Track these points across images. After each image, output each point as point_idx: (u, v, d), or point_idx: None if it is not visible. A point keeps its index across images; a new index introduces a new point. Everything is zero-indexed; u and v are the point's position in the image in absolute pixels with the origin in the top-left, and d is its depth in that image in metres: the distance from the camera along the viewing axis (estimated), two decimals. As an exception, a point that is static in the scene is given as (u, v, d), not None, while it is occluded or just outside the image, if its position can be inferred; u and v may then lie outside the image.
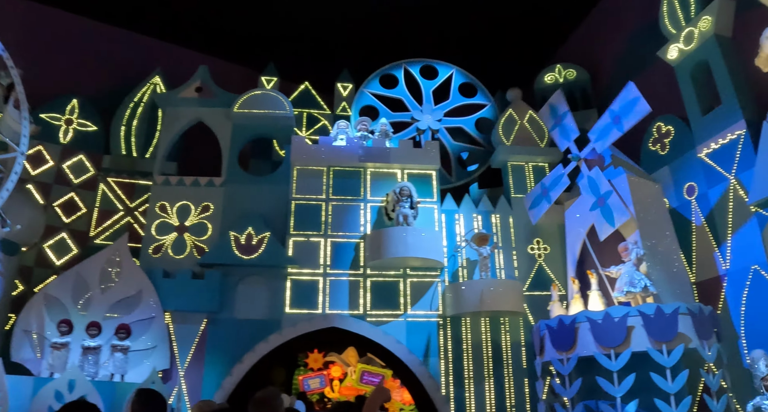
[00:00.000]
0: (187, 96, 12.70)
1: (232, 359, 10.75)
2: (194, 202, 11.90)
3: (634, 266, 8.89)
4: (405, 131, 14.00)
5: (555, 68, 15.39)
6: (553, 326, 8.86)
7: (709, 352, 8.29)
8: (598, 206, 9.91)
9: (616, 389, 7.98)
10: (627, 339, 8.12)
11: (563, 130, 11.43)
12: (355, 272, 11.59)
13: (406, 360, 11.00)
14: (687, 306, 8.38)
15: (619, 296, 8.90)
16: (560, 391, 8.60)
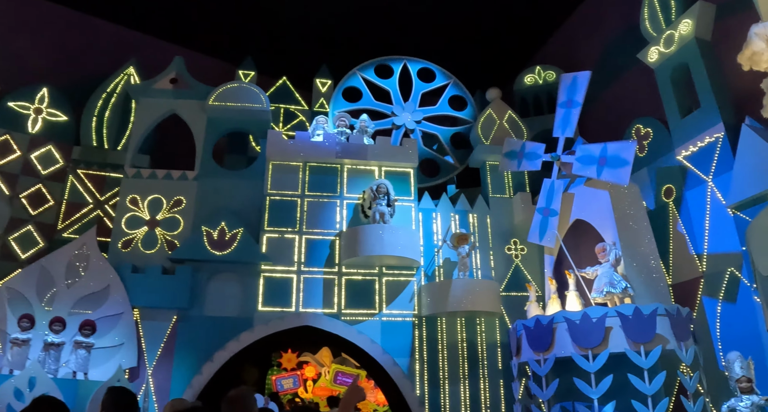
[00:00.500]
0: (162, 87, 12.33)
1: (202, 358, 10.41)
2: (166, 196, 11.54)
3: (612, 267, 8.75)
4: (380, 122, 13.75)
5: (535, 69, 15.28)
6: (531, 326, 8.68)
7: (686, 354, 8.17)
8: (602, 167, 9.65)
9: (593, 390, 7.81)
10: (605, 340, 7.96)
11: (529, 156, 11.24)
12: (329, 270, 11.32)
13: (380, 360, 10.76)
14: (665, 307, 8.26)
15: (597, 297, 8.75)
16: (537, 392, 8.41)
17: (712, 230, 9.84)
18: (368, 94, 13.97)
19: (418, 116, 13.98)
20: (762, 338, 8.59)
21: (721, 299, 9.49)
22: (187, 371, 10.37)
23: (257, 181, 11.76)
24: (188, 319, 10.67)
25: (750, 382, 7.53)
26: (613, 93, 13.45)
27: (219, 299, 10.86)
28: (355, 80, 14.08)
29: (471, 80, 14.81)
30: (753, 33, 5.85)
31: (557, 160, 10.50)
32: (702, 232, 9.99)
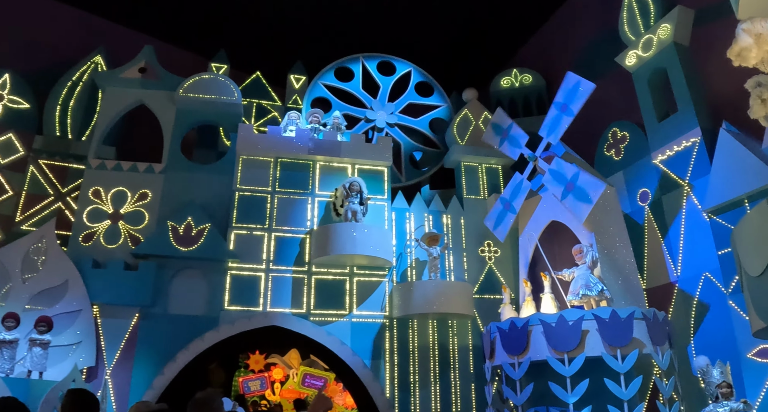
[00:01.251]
0: (130, 76, 11.79)
1: (165, 357, 9.92)
2: (131, 189, 11.02)
3: (589, 270, 8.49)
4: (357, 126, 13.40)
5: (511, 72, 15.09)
6: (505, 328, 8.36)
7: (662, 358, 7.95)
8: (568, 192, 9.46)
9: (568, 395, 7.52)
10: (581, 343, 7.68)
11: (512, 140, 11.07)
12: (299, 269, 10.91)
13: (349, 362, 10.38)
14: (642, 311, 8.02)
15: (573, 300, 8.47)
16: (510, 396, 8.09)
17: (687, 235, 9.68)
18: (336, 101, 13.59)
19: (393, 112, 13.66)
20: (737, 343, 8.42)
21: (695, 303, 9.32)
22: (149, 371, 9.86)
23: (226, 176, 11.30)
24: (151, 317, 10.17)
25: (730, 387, 7.34)
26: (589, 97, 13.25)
27: (183, 297, 10.38)
28: (319, 90, 13.70)
29: (447, 81, 14.56)
30: (741, 29, 5.63)
31: (534, 160, 10.25)
32: (677, 236, 9.83)
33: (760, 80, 6.54)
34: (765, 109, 6.59)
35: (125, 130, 12.48)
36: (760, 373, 8.07)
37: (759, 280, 4.94)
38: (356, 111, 13.56)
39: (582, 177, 9.34)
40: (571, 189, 9.35)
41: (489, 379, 8.88)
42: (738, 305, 8.53)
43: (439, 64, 14.84)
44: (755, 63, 5.80)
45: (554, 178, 9.80)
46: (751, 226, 5.22)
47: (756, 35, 5.58)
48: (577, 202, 9.23)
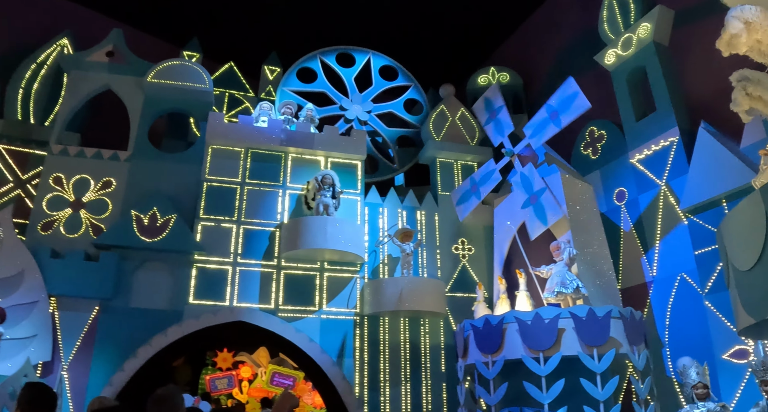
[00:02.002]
0: (97, 60, 11.21)
1: (125, 353, 9.39)
2: (94, 177, 10.47)
3: (566, 266, 8.20)
4: (327, 108, 12.97)
5: (489, 70, 14.85)
6: (479, 326, 8.02)
7: (639, 358, 7.69)
8: (530, 203, 9.24)
9: (544, 395, 7.20)
10: (557, 342, 7.38)
11: (498, 125, 10.79)
12: (268, 263, 10.48)
13: (318, 360, 9.97)
14: (619, 310, 7.76)
15: (549, 297, 8.17)
16: (484, 396, 7.75)
17: (663, 235, 9.49)
18: (323, 78, 13.19)
19: (366, 102, 13.27)
20: (712, 344, 8.23)
21: (670, 304, 9.13)
22: (108, 367, 9.33)
23: (195, 165, 10.82)
24: (111, 310, 9.62)
25: (707, 388, 7.15)
26: (567, 95, 13.06)
27: (146, 290, 9.85)
28: (314, 63, 13.28)
29: (423, 77, 14.23)
30: (731, 16, 5.40)
31: (511, 155, 9.96)
32: (653, 236, 9.63)
33: (745, 74, 6.31)
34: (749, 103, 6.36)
35: (91, 117, 11.93)
36: (736, 374, 7.89)
37: (748, 274, 4.69)
38: (331, 109, 13.14)
39: (546, 196, 9.10)
40: (533, 202, 9.16)
41: (462, 378, 8.52)
42: (714, 306, 8.35)
43: (417, 61, 14.50)
44: (745, 51, 5.56)
45: (522, 183, 9.59)
46: (741, 219, 4.98)
47: (746, 22, 5.34)
48: (534, 218, 9.09)
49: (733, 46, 5.44)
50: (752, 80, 6.23)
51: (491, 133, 10.87)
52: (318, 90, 13.19)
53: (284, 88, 13.08)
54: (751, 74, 6.26)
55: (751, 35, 5.37)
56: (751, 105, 6.37)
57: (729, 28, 5.33)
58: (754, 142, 8.45)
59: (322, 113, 12.80)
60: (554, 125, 9.49)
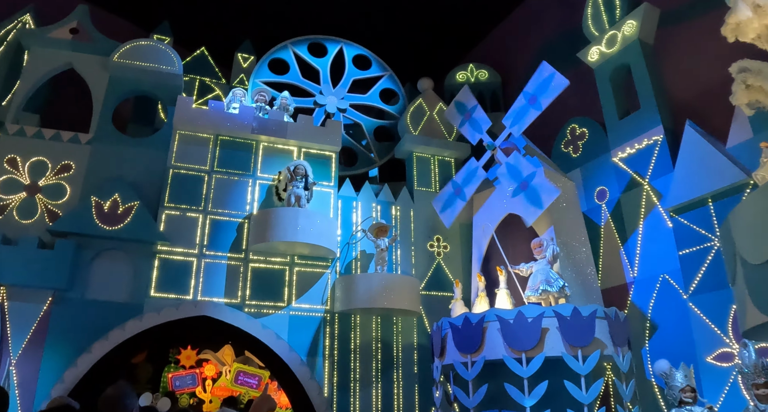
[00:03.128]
0: (59, 37, 10.47)
1: (79, 348, 8.71)
2: (52, 160, 9.73)
3: (549, 264, 7.76)
4: (302, 99, 12.38)
5: (467, 67, 14.43)
6: (458, 324, 7.51)
7: (623, 360, 7.28)
8: (521, 190, 8.77)
9: (526, 398, 6.73)
10: (540, 342, 6.91)
11: (474, 123, 10.37)
12: (235, 256, 9.87)
13: (286, 358, 9.39)
14: (603, 310, 7.34)
15: (531, 296, 7.70)
16: (462, 398, 7.23)
17: (645, 235, 9.15)
18: (296, 69, 12.59)
19: (341, 93, 12.70)
20: (695, 346, 7.88)
21: (651, 305, 8.77)
22: (60, 362, 8.63)
23: (160, 151, 10.15)
24: (66, 302, 8.91)
25: (694, 391, 6.77)
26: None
27: (104, 281, 9.17)
28: (285, 53, 12.66)
29: (401, 71, 13.75)
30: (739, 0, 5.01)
31: (493, 149, 9.52)
32: (635, 236, 9.28)
33: (745, 65, 5.96)
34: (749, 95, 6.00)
35: (52, 97, 11.17)
36: (719, 378, 7.54)
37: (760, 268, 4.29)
38: (305, 102, 12.53)
39: (537, 179, 8.71)
40: (524, 188, 8.72)
41: (438, 379, 8.00)
42: (698, 307, 8.00)
43: (395, 55, 13.99)
44: (753, 37, 5.17)
45: (510, 173, 9.14)
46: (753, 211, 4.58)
47: (755, 6, 4.95)
48: (528, 203, 8.65)
49: (740, 33, 5.06)
50: (752, 71, 5.87)
51: (468, 134, 10.45)
52: (291, 82, 12.58)
53: (256, 80, 12.46)
54: (751, 65, 5.90)
55: (762, 20, 4.97)
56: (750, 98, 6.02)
57: (737, 13, 4.94)
58: (741, 142, 8.17)
59: (297, 104, 12.20)
60: (534, 109, 9.22)
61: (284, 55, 12.76)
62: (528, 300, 7.74)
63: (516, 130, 9.42)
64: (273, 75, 12.57)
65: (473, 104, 10.57)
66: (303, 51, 12.84)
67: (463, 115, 10.58)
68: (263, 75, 12.48)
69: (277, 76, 12.59)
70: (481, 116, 10.32)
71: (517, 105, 9.56)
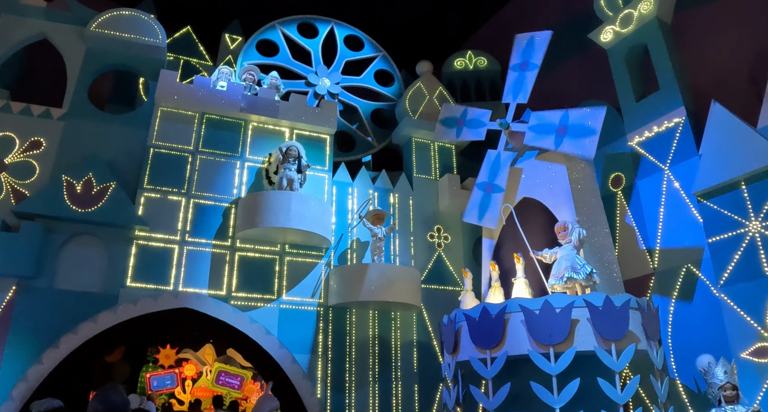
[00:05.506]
0: (33, 3, 9.38)
1: (45, 342, 7.68)
2: (20, 136, 8.64)
3: (575, 249, 6.86)
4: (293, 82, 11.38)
5: (466, 54, 13.57)
6: (475, 316, 6.53)
7: (657, 355, 6.41)
8: (562, 137, 8.03)
9: (555, 398, 5.81)
10: (570, 335, 5.99)
11: (473, 123, 9.61)
12: (221, 243, 8.86)
13: (275, 355, 8.40)
14: (636, 300, 6.45)
15: (556, 284, 6.76)
16: (481, 399, 6.28)
17: (666, 223, 8.33)
18: (286, 50, 11.60)
19: (334, 75, 11.69)
20: (728, 341, 7.04)
21: (674, 298, 7.92)
22: (23, 358, 7.59)
23: (140, 129, 9.11)
24: (31, 291, 7.87)
25: (736, 389, 5.92)
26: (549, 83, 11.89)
27: (75, 269, 8.14)
28: (273, 34, 11.64)
29: (397, 56, 12.86)
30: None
31: (506, 128, 8.63)
32: (655, 225, 8.46)
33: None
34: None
35: (25, 71, 10.09)
36: (757, 375, 6.70)
37: None
38: (297, 84, 11.54)
39: (573, 114, 8.08)
40: (564, 132, 7.95)
41: (451, 378, 7.00)
42: (731, 299, 7.15)
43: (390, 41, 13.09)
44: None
45: (539, 132, 8.30)
46: None
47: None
48: (578, 140, 7.87)
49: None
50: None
51: (472, 135, 9.64)
52: (281, 63, 11.58)
53: (277, 26, 11.62)
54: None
55: None
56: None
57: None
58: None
59: (289, 88, 11.22)
60: (530, 71, 8.89)
61: (273, 36, 11.76)
62: (552, 289, 6.82)
63: (522, 97, 8.82)
64: (262, 57, 11.55)
65: (461, 110, 9.92)
66: (292, 31, 11.86)
67: (456, 125, 9.80)
68: (251, 57, 11.46)
69: (266, 57, 11.57)
70: (477, 112, 9.69)
71: (511, 80, 9.14)
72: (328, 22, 12.23)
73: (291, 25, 11.88)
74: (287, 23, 11.85)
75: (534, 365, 5.97)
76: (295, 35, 11.84)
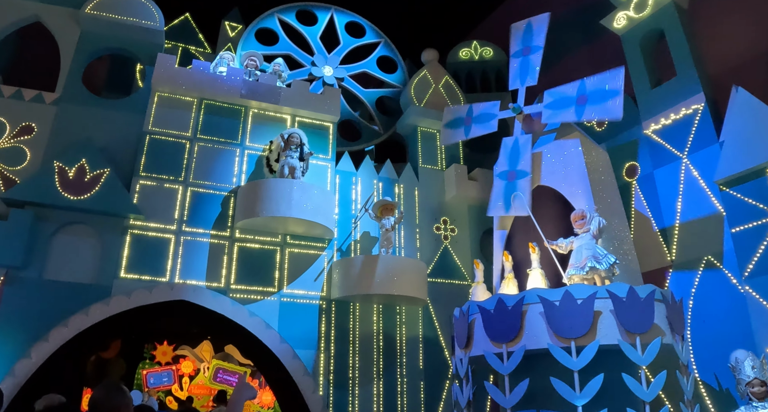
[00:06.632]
0: (24, -15, 9.03)
1: (33, 335, 7.24)
2: (11, 120, 8.21)
3: (594, 239, 6.42)
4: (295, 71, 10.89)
5: (471, 44, 13.13)
6: (490, 308, 6.07)
7: (683, 349, 5.98)
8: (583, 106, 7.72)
9: (577, 395, 5.37)
10: (593, 328, 5.55)
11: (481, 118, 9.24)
12: (219, 234, 8.43)
13: (276, 350, 7.96)
14: (660, 291, 6.02)
15: (575, 275, 6.30)
16: (497, 397, 5.84)
17: (685, 213, 7.91)
18: (285, 39, 11.14)
19: (341, 72, 11.25)
20: (753, 336, 6.61)
21: (693, 291, 7.50)
22: (10, 352, 7.15)
23: (136, 114, 8.67)
24: (20, 282, 7.42)
25: (765, 385, 5.49)
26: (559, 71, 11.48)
27: (66, 259, 7.70)
28: (272, 22, 11.17)
29: (401, 46, 12.43)
30: None
31: (519, 112, 8.19)
32: (672, 215, 8.03)
33: None
34: None
35: (17, 55, 9.66)
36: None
37: None
38: (300, 73, 11.08)
39: (590, 81, 7.82)
40: (584, 101, 7.65)
41: (463, 374, 6.52)
42: (757, 291, 6.72)
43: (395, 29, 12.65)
44: None
45: (557, 108, 7.96)
46: None
47: None
48: (601, 104, 7.57)
49: None
50: None
51: (482, 130, 9.09)
52: (282, 52, 11.13)
53: (276, 14, 11.20)
54: None
55: None
56: None
57: None
58: (800, 108, 6.96)
59: (291, 77, 10.77)
60: (534, 54, 8.65)
61: (271, 25, 11.28)
62: (570, 280, 6.38)
63: (530, 79, 8.50)
64: (261, 46, 11.08)
65: (465, 109, 9.43)
66: (291, 19, 11.39)
67: (463, 124, 9.30)
68: (250, 46, 10.98)
69: (265, 47, 11.11)
70: (483, 107, 9.22)
71: (514, 66, 8.86)
72: (327, 10, 11.78)
73: (290, 13, 11.41)
74: (286, 11, 11.38)
75: (552, 360, 5.52)
76: (294, 22, 11.39)
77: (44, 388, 6.95)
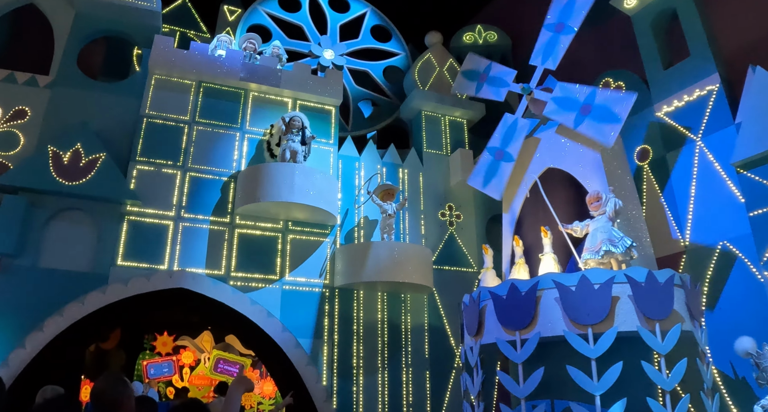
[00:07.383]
0: (16, -35, 8.70)
1: (28, 325, 7.00)
2: (4, 104, 7.93)
3: (610, 221, 6.14)
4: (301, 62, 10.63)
5: (475, 28, 12.78)
6: (502, 294, 5.79)
7: (702, 336, 5.72)
8: (584, 116, 7.28)
9: (595, 383, 5.11)
10: (611, 314, 5.28)
11: (494, 81, 8.85)
12: (219, 220, 8.16)
13: (278, 339, 7.72)
14: (680, 276, 5.74)
15: (590, 259, 6.02)
16: (510, 386, 5.58)
17: (699, 197, 7.61)
18: (277, 31, 10.76)
19: (341, 50, 10.93)
20: (772, 324, 6.34)
21: (708, 278, 7.22)
22: (4, 342, 6.91)
23: (133, 98, 8.39)
24: (14, 270, 7.17)
25: (790, 374, 5.24)
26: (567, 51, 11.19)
27: (62, 246, 7.45)
28: (259, 17, 10.81)
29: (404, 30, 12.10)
30: None
31: (529, 93, 7.89)
32: (686, 199, 7.74)
33: None
34: None
35: (10, 37, 9.34)
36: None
37: None
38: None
39: (601, 94, 7.25)
40: (587, 112, 7.15)
41: (473, 364, 6.25)
42: (779, 278, 6.45)
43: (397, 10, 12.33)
44: None
45: (562, 106, 7.55)
46: None
47: None
48: (599, 124, 7.09)
49: None
50: None
51: (492, 94, 8.84)
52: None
53: (259, 8, 10.78)
54: None
55: None
56: None
57: None
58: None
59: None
60: (564, 35, 8.09)
61: (259, 19, 10.90)
62: (585, 265, 6.10)
63: (551, 63, 8.04)
64: (280, 9, 10.90)
65: (486, 64, 9.11)
66: (275, 8, 10.96)
67: (477, 79, 9.03)
68: (269, 6, 10.83)
69: (284, 12, 10.90)
70: (502, 70, 8.86)
71: (543, 40, 8.30)
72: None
73: (271, 2, 10.99)
74: (266, 2, 10.97)
75: (567, 348, 5.26)
76: (279, 12, 11.00)
77: (39, 378, 6.73)
